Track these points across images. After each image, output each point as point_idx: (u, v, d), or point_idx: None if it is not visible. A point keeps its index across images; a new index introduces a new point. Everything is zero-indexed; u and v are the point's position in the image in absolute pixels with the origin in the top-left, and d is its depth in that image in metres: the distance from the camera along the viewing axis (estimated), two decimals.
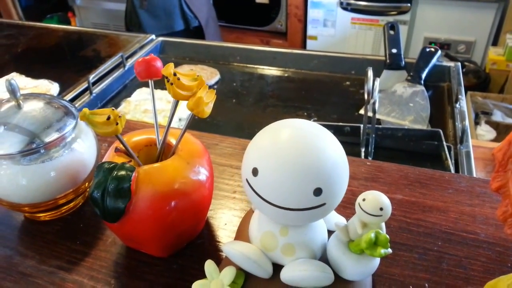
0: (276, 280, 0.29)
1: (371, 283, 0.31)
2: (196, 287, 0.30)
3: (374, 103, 0.63)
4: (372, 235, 0.26)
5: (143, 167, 0.31)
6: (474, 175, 0.65)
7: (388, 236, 0.26)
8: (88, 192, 0.31)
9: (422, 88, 0.88)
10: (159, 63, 0.33)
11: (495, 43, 1.92)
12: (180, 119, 0.84)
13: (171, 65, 0.32)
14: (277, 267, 0.29)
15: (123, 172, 0.30)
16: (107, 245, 0.37)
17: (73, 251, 0.36)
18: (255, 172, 0.26)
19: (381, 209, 0.26)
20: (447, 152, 0.68)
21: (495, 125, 1.61)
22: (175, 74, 0.30)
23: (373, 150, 0.70)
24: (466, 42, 1.91)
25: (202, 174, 0.34)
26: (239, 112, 0.89)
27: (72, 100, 0.89)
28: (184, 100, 0.31)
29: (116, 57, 1.00)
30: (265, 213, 0.28)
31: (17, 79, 0.98)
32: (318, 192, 0.25)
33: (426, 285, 0.32)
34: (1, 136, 0.35)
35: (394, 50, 0.95)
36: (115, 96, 0.96)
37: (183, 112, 0.88)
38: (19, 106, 0.36)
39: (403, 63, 0.94)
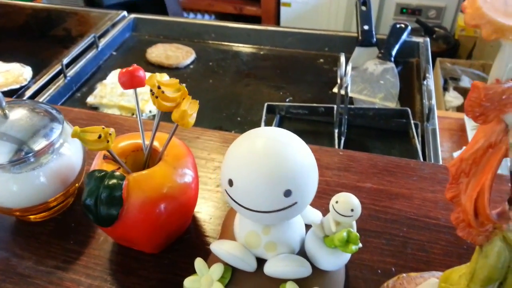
0: (260, 272, 0.33)
1: (345, 270, 0.35)
2: (187, 283, 0.33)
3: (346, 87, 0.66)
4: (344, 234, 0.29)
5: (132, 175, 0.33)
6: (439, 152, 0.70)
7: (358, 234, 0.29)
8: (82, 200, 0.33)
9: (392, 65, 0.91)
10: (142, 73, 0.35)
11: None
12: (150, 111, 0.85)
13: (154, 75, 0.33)
14: (260, 261, 0.33)
15: (114, 181, 0.32)
16: (99, 243, 0.39)
17: (67, 250, 0.39)
18: (230, 182, 0.29)
19: (352, 210, 0.29)
20: (414, 131, 0.72)
21: (463, 91, 1.66)
22: (159, 87, 0.32)
23: (345, 130, 0.74)
24: (436, 8, 1.94)
25: (188, 176, 0.36)
26: (217, 93, 0.90)
27: (46, 85, 0.88)
28: (168, 111, 0.33)
29: (88, 38, 0.98)
30: (245, 216, 0.31)
31: None
32: (288, 193, 0.28)
33: (393, 269, 0.36)
34: None
35: (366, 27, 0.97)
36: (90, 78, 0.96)
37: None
38: (5, 116, 0.37)
39: (375, 39, 0.96)
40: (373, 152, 0.72)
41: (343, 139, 0.73)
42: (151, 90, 0.32)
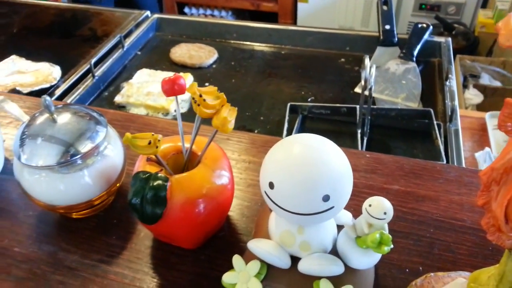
0: (293, 269, 0.34)
1: (374, 269, 0.37)
2: (226, 278, 0.35)
3: (370, 88, 0.67)
4: (377, 235, 0.31)
5: (175, 177, 0.36)
6: (462, 152, 0.71)
7: (390, 236, 0.31)
8: (128, 199, 0.35)
9: (414, 65, 0.91)
10: (182, 81, 0.37)
11: (484, 5, 1.93)
12: (175, 110, 0.87)
13: (194, 84, 0.35)
14: (294, 257, 0.35)
15: (159, 182, 0.35)
16: (140, 239, 0.42)
17: (110, 245, 0.41)
18: (271, 185, 0.31)
19: (384, 213, 0.31)
20: (437, 132, 0.72)
21: (483, 88, 1.65)
22: (200, 95, 0.34)
23: (368, 130, 0.75)
24: (456, 4, 1.93)
25: (225, 178, 0.38)
26: (239, 93, 0.92)
27: (74, 84, 0.91)
28: (208, 117, 0.35)
29: (115, 38, 1.01)
30: (283, 217, 0.33)
31: (18, 62, 0.99)
32: (326, 198, 0.30)
33: (420, 268, 0.38)
34: (39, 147, 0.39)
35: (387, 27, 0.98)
36: (116, 78, 0.98)
37: (185, 95, 0.91)
38: (54, 120, 0.39)
39: (396, 39, 0.97)
40: (396, 152, 0.74)
41: (365, 139, 0.75)
42: (193, 98, 0.34)
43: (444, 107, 0.82)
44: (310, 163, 0.30)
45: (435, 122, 0.75)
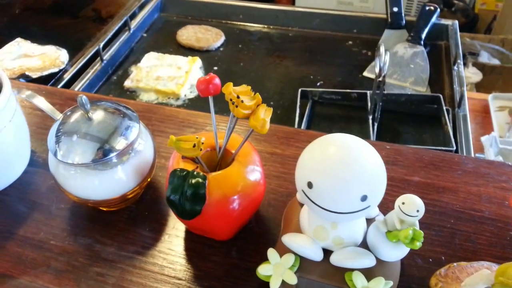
0: (326, 260, 0.36)
1: (400, 260, 0.39)
2: (261, 270, 0.37)
3: (384, 76, 0.68)
4: (411, 232, 0.33)
5: (211, 175, 0.37)
6: (470, 138, 0.72)
7: (422, 232, 0.33)
8: (166, 195, 0.36)
9: (422, 48, 0.92)
10: (217, 80, 0.37)
11: None
12: (185, 95, 0.88)
13: (230, 84, 0.36)
14: (325, 250, 0.36)
15: (198, 180, 0.36)
16: (172, 230, 0.43)
17: (144, 237, 0.43)
18: (310, 185, 0.32)
19: (417, 211, 0.33)
20: (446, 117, 0.74)
21: (481, 66, 1.66)
22: (238, 97, 0.35)
23: (379, 116, 0.76)
24: None
25: (257, 173, 0.39)
26: (248, 77, 0.93)
27: (83, 68, 0.91)
28: (244, 117, 0.36)
29: (122, 21, 1.00)
30: (320, 215, 0.34)
31: (23, 45, 0.99)
32: (364, 198, 0.32)
33: (443, 257, 0.40)
34: (75, 144, 0.40)
35: (395, 9, 0.98)
36: (124, 61, 0.98)
37: (195, 79, 0.91)
38: (89, 118, 0.40)
39: (404, 22, 0.97)
40: (405, 138, 0.75)
41: (376, 124, 0.76)
42: (230, 99, 0.35)
43: (452, 92, 0.83)
44: (348, 164, 0.31)
45: (444, 108, 0.76)
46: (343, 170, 0.31)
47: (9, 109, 0.44)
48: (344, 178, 0.31)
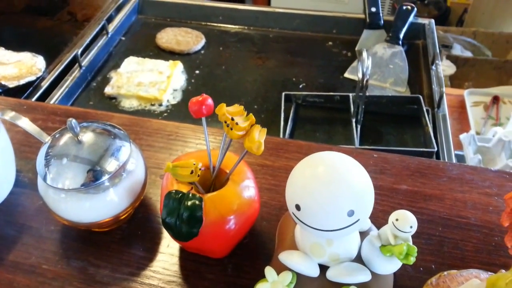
0: (322, 276, 0.37)
1: None
2: None
3: (366, 81, 0.69)
4: (405, 247, 0.34)
5: (207, 196, 0.37)
6: (451, 138, 0.75)
7: (415, 247, 0.34)
8: (162, 218, 0.36)
9: (401, 48, 0.94)
10: (210, 101, 0.37)
11: None
12: (168, 100, 0.87)
13: (223, 105, 0.36)
14: (321, 265, 0.37)
15: (194, 202, 0.36)
16: (166, 250, 0.43)
17: (139, 257, 0.43)
18: (298, 207, 0.33)
19: (411, 227, 0.34)
20: (427, 118, 0.76)
21: (455, 59, 1.69)
22: (233, 119, 0.35)
23: (362, 118, 0.77)
24: None
25: (252, 191, 0.40)
26: (231, 80, 0.93)
27: (61, 75, 0.89)
28: (239, 139, 0.36)
29: (100, 25, 0.98)
30: (311, 234, 0.35)
31: None
32: (351, 213, 0.32)
33: (433, 266, 0.41)
34: (65, 168, 0.39)
35: (373, 9, 0.99)
36: (103, 67, 0.97)
37: (177, 83, 0.90)
38: (79, 141, 0.40)
39: (382, 22, 0.99)
40: (387, 139, 0.77)
41: (359, 127, 0.77)
42: (225, 122, 0.35)
43: (431, 91, 0.85)
44: (333, 182, 0.32)
45: (424, 108, 0.78)
46: (329, 189, 0.32)
47: None
48: (329, 197, 0.32)
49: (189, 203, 0.36)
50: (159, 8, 1.10)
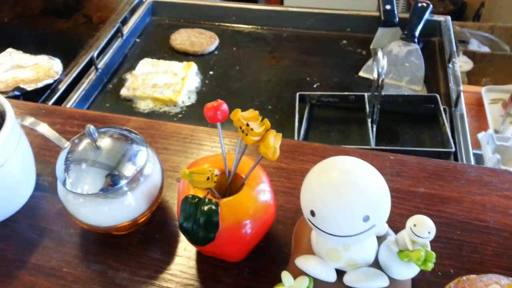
0: (339, 281, 0.37)
1: None
2: None
3: (383, 80, 0.68)
4: (423, 253, 0.34)
5: (223, 201, 0.37)
6: (468, 137, 0.74)
7: (434, 253, 0.34)
8: (179, 222, 0.37)
9: (416, 46, 0.92)
10: (225, 107, 0.37)
11: None
12: (183, 101, 0.87)
13: (238, 111, 0.36)
14: (338, 270, 0.37)
15: (211, 207, 0.36)
16: (183, 253, 0.44)
17: (157, 260, 0.43)
18: (312, 213, 0.33)
19: (429, 232, 0.33)
20: (444, 117, 0.75)
21: (472, 54, 1.66)
22: (248, 124, 0.35)
23: (377, 118, 0.77)
24: None
25: (268, 195, 0.40)
26: (245, 81, 0.93)
27: (78, 78, 0.90)
28: (254, 144, 0.36)
29: (114, 27, 0.99)
30: (327, 239, 0.35)
31: (15, 55, 0.97)
32: (366, 218, 0.32)
33: (451, 270, 0.41)
34: (84, 172, 0.40)
35: (388, 7, 0.98)
36: (118, 69, 0.98)
37: (191, 85, 0.91)
38: (97, 147, 0.40)
39: (397, 19, 0.98)
40: (404, 139, 0.76)
41: (375, 127, 0.77)
42: (240, 127, 0.35)
43: (448, 90, 0.84)
44: (348, 188, 0.32)
45: (441, 107, 0.77)
46: (343, 194, 0.32)
47: (13, 138, 0.44)
48: (344, 202, 0.32)
49: (206, 208, 0.36)
50: (173, 10, 1.11)
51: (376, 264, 0.38)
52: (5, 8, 1.14)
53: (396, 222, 0.44)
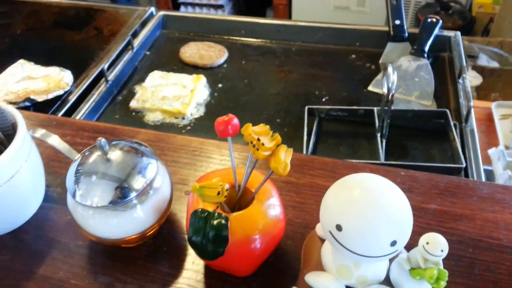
0: None
1: None
2: None
3: (392, 95, 0.68)
4: (435, 272, 0.33)
5: (233, 215, 0.37)
6: (479, 153, 0.73)
7: (446, 271, 0.33)
8: (188, 236, 0.37)
9: (426, 61, 0.92)
10: (236, 121, 0.37)
11: None
12: (191, 114, 0.88)
13: (249, 125, 0.36)
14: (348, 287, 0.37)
15: (220, 221, 0.36)
16: (191, 266, 0.43)
17: (164, 274, 0.43)
18: (339, 228, 0.32)
19: (442, 250, 0.33)
20: (454, 133, 0.74)
21: (481, 69, 1.66)
22: (259, 139, 0.35)
23: (387, 133, 0.76)
24: None
25: (277, 210, 0.39)
26: (254, 94, 0.93)
27: (88, 89, 0.91)
28: (264, 159, 0.36)
29: (125, 40, 1.00)
30: (348, 257, 0.34)
31: (26, 66, 0.98)
32: (394, 243, 0.32)
33: None
34: (94, 185, 0.40)
35: (397, 22, 0.98)
36: (128, 81, 0.98)
37: (200, 97, 0.91)
38: (107, 158, 0.40)
39: (407, 34, 0.98)
40: (414, 154, 0.76)
41: (384, 141, 0.76)
42: (251, 142, 0.35)
43: (458, 105, 0.83)
44: (378, 209, 0.31)
45: (451, 123, 0.76)
46: (374, 215, 0.31)
47: (24, 150, 0.44)
48: (375, 224, 0.31)
49: (215, 222, 0.36)
50: (183, 23, 1.12)
51: (387, 281, 0.37)
52: (18, 20, 1.16)
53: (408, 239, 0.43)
